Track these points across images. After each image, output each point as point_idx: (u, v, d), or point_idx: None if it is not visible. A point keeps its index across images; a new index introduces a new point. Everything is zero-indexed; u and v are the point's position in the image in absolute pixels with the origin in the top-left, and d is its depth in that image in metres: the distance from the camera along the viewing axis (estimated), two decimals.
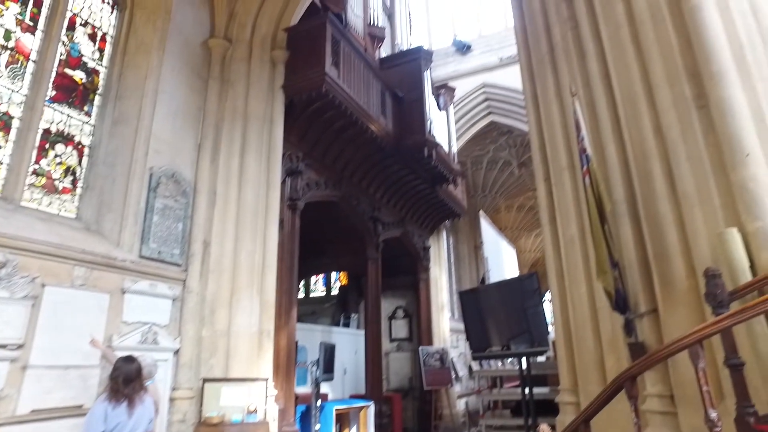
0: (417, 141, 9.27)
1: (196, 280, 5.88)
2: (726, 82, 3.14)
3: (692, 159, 3.24)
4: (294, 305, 7.04)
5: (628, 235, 3.71)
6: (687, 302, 3.12)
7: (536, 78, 5.19)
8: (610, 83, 4.13)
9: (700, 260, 3.06)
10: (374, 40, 11.09)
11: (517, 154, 17.90)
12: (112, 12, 6.22)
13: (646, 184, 3.60)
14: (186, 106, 6.42)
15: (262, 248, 6.34)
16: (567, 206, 4.47)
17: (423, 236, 12.54)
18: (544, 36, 5.06)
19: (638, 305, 3.53)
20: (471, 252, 18.85)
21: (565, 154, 4.61)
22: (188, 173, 6.22)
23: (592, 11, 4.41)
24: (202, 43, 6.95)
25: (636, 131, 3.75)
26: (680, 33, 3.52)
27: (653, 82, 3.66)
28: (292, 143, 7.53)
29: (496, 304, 6.40)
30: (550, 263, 4.75)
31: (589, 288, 4.09)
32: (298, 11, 7.71)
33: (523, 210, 24.40)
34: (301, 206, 7.56)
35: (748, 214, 2.83)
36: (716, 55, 3.23)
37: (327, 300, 14.43)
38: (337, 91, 7.18)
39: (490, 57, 14.16)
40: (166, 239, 5.64)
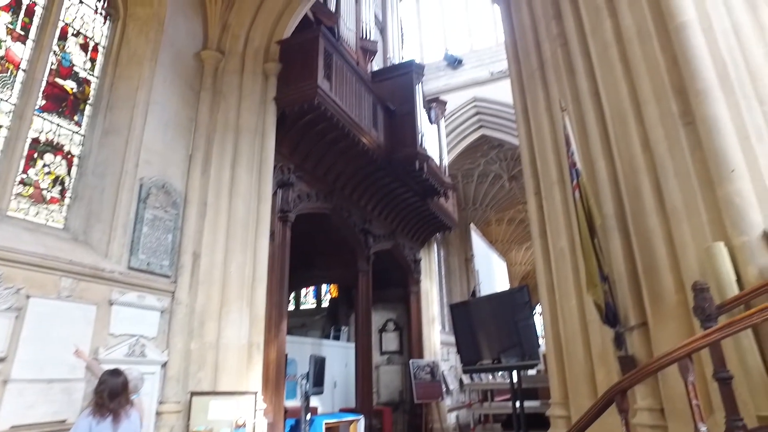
0: (408, 154, 9.32)
1: (186, 292, 5.82)
2: (711, 100, 3.20)
3: (680, 174, 3.30)
4: (284, 318, 6.99)
5: (617, 248, 3.75)
6: (676, 316, 3.15)
7: (527, 93, 5.25)
8: (599, 99, 4.20)
9: (689, 274, 3.10)
10: (366, 54, 11.19)
11: (508, 167, 18.06)
12: (104, 23, 6.22)
13: (635, 199, 3.65)
14: (177, 117, 6.41)
15: (252, 260, 6.30)
16: (557, 220, 4.50)
17: (414, 249, 12.54)
18: (534, 52, 5.13)
19: (628, 319, 3.55)
20: (462, 265, 18.88)
21: (555, 168, 4.65)
22: (179, 184, 6.19)
23: (581, 29, 4.49)
24: (194, 55, 6.97)
25: (625, 146, 3.81)
26: (666, 51, 3.60)
27: (641, 98, 3.72)
28: (283, 155, 7.53)
29: (487, 317, 6.40)
30: (540, 276, 4.77)
31: (579, 301, 4.11)
32: (290, 24, 7.76)
33: (514, 223, 24.53)
34: (292, 218, 7.54)
35: (734, 229, 2.88)
36: (701, 73, 3.30)
37: (317, 312, 14.34)
38: (329, 104, 7.22)
39: (481, 71, 14.33)
40: (156, 250, 5.59)
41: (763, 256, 2.74)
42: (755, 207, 2.87)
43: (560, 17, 4.81)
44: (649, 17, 3.75)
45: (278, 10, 7.66)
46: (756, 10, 3.64)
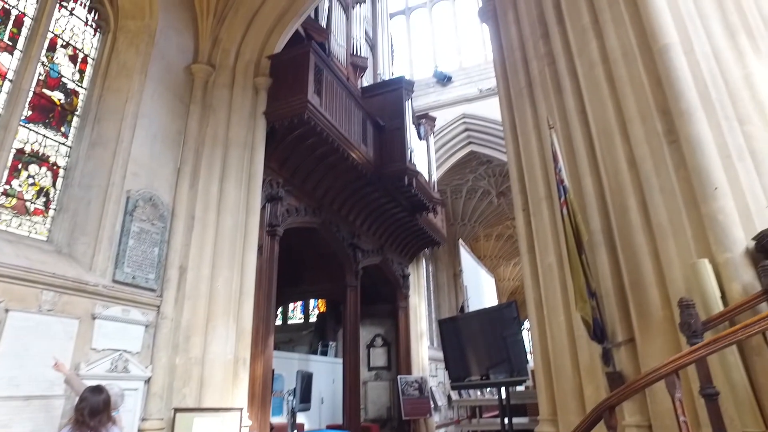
0: (397, 169, 9.36)
1: (171, 306, 5.73)
2: (694, 120, 3.28)
3: (665, 191, 3.35)
4: (271, 333, 6.91)
5: (605, 264, 3.78)
6: (663, 332, 3.17)
7: (515, 110, 5.32)
8: (586, 117, 4.27)
9: (675, 290, 3.13)
10: (356, 70, 11.29)
11: (496, 183, 18.21)
12: (94, 34, 6.21)
13: (622, 215, 3.69)
14: (166, 130, 6.38)
15: (239, 275, 6.24)
16: (545, 235, 4.53)
17: (402, 264, 12.53)
18: (522, 70, 5.22)
19: (615, 334, 3.57)
20: (450, 280, 18.88)
21: (543, 184, 4.70)
22: (166, 197, 6.13)
23: (568, 48, 4.59)
24: (185, 68, 6.97)
25: (611, 164, 3.86)
26: (650, 72, 3.68)
27: (627, 117, 3.80)
28: (272, 169, 7.52)
29: (475, 333, 6.39)
30: (528, 292, 4.78)
31: (567, 317, 4.12)
32: (282, 39, 7.82)
33: (502, 239, 24.65)
34: (280, 232, 7.50)
35: (718, 246, 2.92)
36: (684, 93, 3.38)
37: (305, 327, 14.18)
38: (318, 119, 7.25)
39: (470, 88, 14.53)
40: (142, 264, 5.51)
41: (746, 272, 2.78)
42: (738, 224, 2.93)
43: (548, 37, 4.91)
44: (634, 39, 3.85)
45: (269, 25, 7.72)
46: (734, 36, 3.75)
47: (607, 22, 4.12)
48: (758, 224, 2.90)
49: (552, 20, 4.84)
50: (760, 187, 3.10)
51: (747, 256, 2.81)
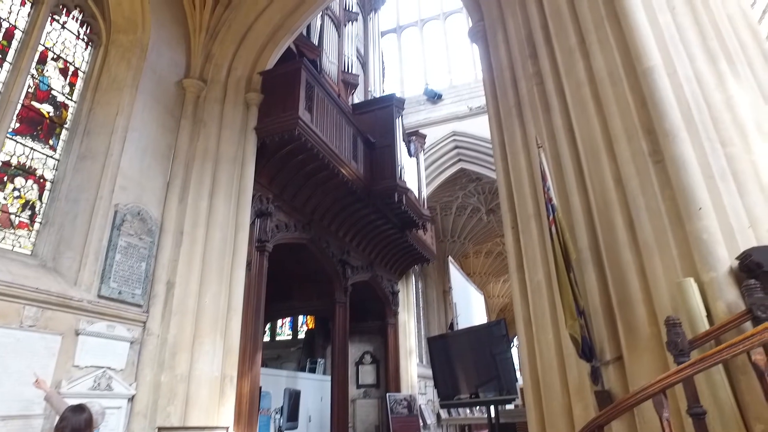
0: (388, 186, 9.39)
1: (158, 322, 5.65)
2: (679, 140, 3.35)
3: (651, 210, 3.40)
4: (259, 350, 6.82)
5: (592, 282, 3.81)
6: (650, 350, 3.19)
7: (504, 128, 5.39)
8: (574, 136, 4.33)
9: (661, 308, 3.16)
10: (348, 87, 11.39)
11: (486, 200, 18.34)
12: (86, 48, 6.21)
13: (609, 233, 3.73)
14: (156, 144, 6.36)
15: (227, 290, 6.18)
16: (534, 253, 4.56)
17: (392, 280, 12.50)
18: (511, 89, 5.30)
19: (604, 353, 3.58)
20: (440, 297, 18.85)
21: (531, 202, 4.74)
22: (155, 212, 6.09)
23: (556, 69, 4.67)
24: (176, 83, 6.98)
25: (598, 182, 3.92)
26: (635, 93, 3.77)
27: (613, 136, 3.86)
28: (262, 185, 7.51)
29: (464, 351, 6.36)
30: (517, 309, 4.79)
31: (556, 335, 4.13)
32: (274, 56, 7.88)
33: (492, 256, 24.73)
34: (269, 248, 7.46)
35: (703, 265, 2.96)
36: (668, 114, 3.46)
37: (293, 344, 14.03)
38: (309, 135, 7.27)
39: (460, 106, 14.70)
40: (128, 279, 5.43)
41: (731, 291, 2.82)
42: (722, 244, 2.97)
43: (536, 57, 5.00)
44: (619, 60, 3.94)
45: (262, 41, 7.79)
46: (715, 61, 3.84)
47: (593, 43, 4.21)
48: (741, 244, 2.94)
49: (540, 41, 4.93)
50: (742, 208, 3.15)
51: (731, 275, 2.85)
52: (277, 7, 7.82)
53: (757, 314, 2.52)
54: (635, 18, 3.90)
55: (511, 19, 5.55)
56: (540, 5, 5.07)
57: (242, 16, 7.69)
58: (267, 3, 7.79)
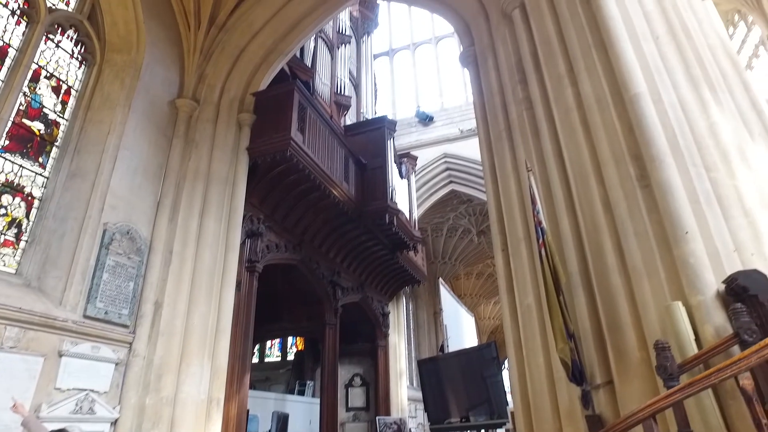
0: (379, 207, 9.42)
1: (144, 343, 5.54)
2: (665, 165, 3.42)
3: (639, 234, 3.44)
4: (247, 371, 6.71)
5: (582, 306, 3.82)
6: (640, 374, 3.19)
7: (495, 152, 5.46)
8: (563, 161, 4.40)
9: (651, 332, 3.17)
10: (340, 108, 11.50)
11: (476, 222, 18.42)
12: (80, 67, 6.23)
13: (598, 257, 3.77)
14: (147, 164, 6.35)
15: (216, 311, 6.10)
16: (524, 276, 4.58)
17: (382, 302, 12.43)
18: (501, 114, 5.39)
19: (594, 377, 3.57)
20: (430, 318, 18.74)
21: (521, 225, 4.78)
22: (145, 231, 6.04)
23: (545, 94, 4.77)
24: (169, 102, 7.01)
25: (587, 206, 3.97)
26: (622, 119, 3.85)
27: (601, 161, 3.93)
28: (253, 205, 7.50)
29: (455, 374, 6.31)
30: (508, 332, 4.78)
31: (546, 358, 4.12)
32: (267, 77, 7.96)
33: (482, 277, 24.73)
34: (259, 268, 7.41)
35: (691, 288, 2.99)
36: (654, 140, 3.53)
37: (282, 365, 13.82)
38: (301, 156, 7.30)
39: (451, 129, 14.88)
40: (115, 299, 5.35)
41: (718, 315, 2.85)
42: (708, 267, 3.01)
43: (526, 83, 5.11)
44: (606, 87, 4.04)
45: (255, 63, 7.87)
46: (698, 88, 3.95)
47: (581, 70, 4.32)
48: (727, 268, 2.98)
49: (530, 67, 5.05)
50: (727, 232, 3.21)
51: (718, 299, 2.88)
52: (270, 30, 7.93)
53: (744, 338, 2.54)
54: (621, 47, 4.01)
55: (501, 45, 5.68)
56: (530, 33, 5.20)
57: (236, 38, 7.78)
58: (261, 26, 7.89)
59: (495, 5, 5.89)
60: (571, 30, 4.53)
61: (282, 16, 7.95)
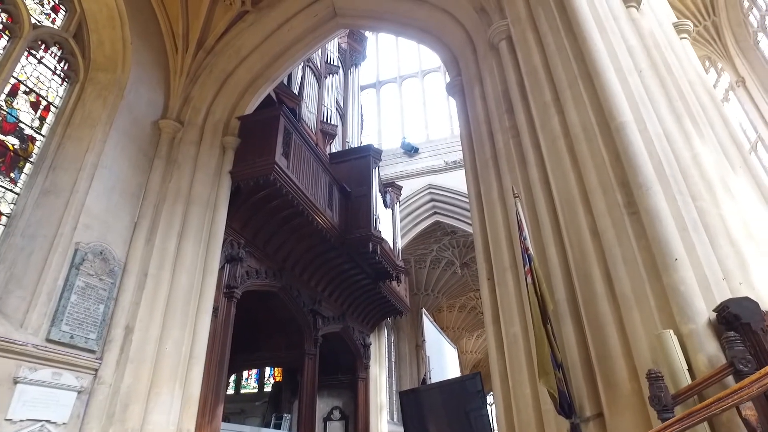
0: (362, 235, 9.30)
1: (111, 370, 5.23)
2: (652, 193, 3.40)
3: (627, 261, 3.39)
4: (221, 402, 6.38)
5: (570, 335, 3.72)
6: (632, 405, 3.08)
7: (481, 181, 5.44)
8: (550, 188, 4.38)
9: (642, 361, 3.08)
10: (326, 137, 11.50)
11: (460, 254, 18.36)
12: (61, 84, 6.11)
13: (587, 285, 3.70)
14: (126, 183, 6.18)
15: (191, 337, 5.84)
16: (510, 305, 4.48)
17: (364, 333, 12.15)
18: (488, 142, 5.40)
19: (583, 409, 3.44)
20: (412, 351, 18.41)
21: (508, 253, 4.71)
22: (119, 252, 5.81)
23: (532, 123, 4.80)
24: (152, 123, 6.90)
25: (575, 234, 3.92)
26: (609, 147, 3.86)
27: (589, 189, 3.91)
28: (234, 229, 7.33)
29: (437, 407, 6.09)
30: (493, 363, 4.64)
31: (533, 389, 3.98)
32: (253, 102, 7.93)
33: (465, 310, 24.53)
34: (238, 295, 7.18)
35: (682, 316, 2.92)
36: (641, 168, 3.53)
37: (258, 398, 13.28)
38: (285, 181, 7.20)
39: (437, 160, 14.98)
40: (83, 322, 5.07)
41: (710, 344, 2.77)
42: (699, 295, 2.95)
43: (512, 111, 5.14)
44: (593, 116, 4.07)
45: (242, 87, 7.85)
46: (680, 120, 4.02)
47: (567, 99, 4.36)
48: (717, 296, 2.93)
49: (516, 96, 5.09)
50: (716, 260, 3.18)
51: (710, 328, 2.82)
52: (258, 56, 7.95)
53: (739, 368, 2.47)
54: (606, 77, 4.07)
55: (488, 75, 5.75)
56: (516, 64, 5.28)
57: (224, 62, 7.77)
58: (249, 51, 7.91)
59: (482, 37, 6.00)
60: (557, 61, 4.59)
61: (271, 43, 7.99)
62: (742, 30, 10.61)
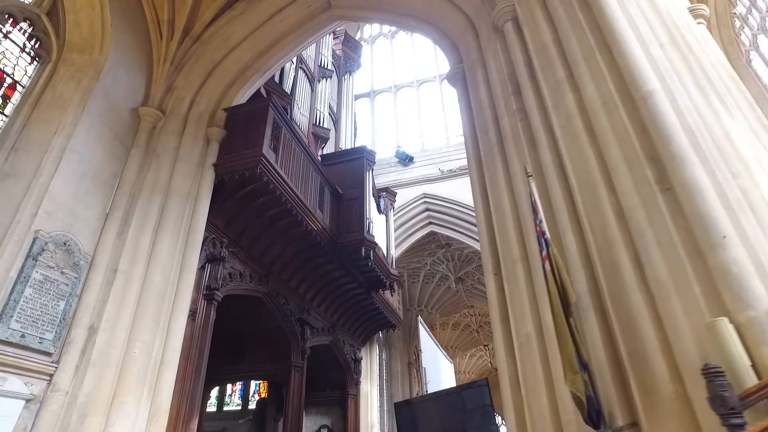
0: (355, 239, 8.79)
1: (69, 376, 4.63)
2: (688, 164, 2.98)
3: (663, 244, 2.94)
4: (195, 415, 5.76)
5: (594, 332, 3.23)
6: (675, 412, 2.58)
7: (485, 169, 5.01)
8: (564, 171, 3.96)
9: (686, 359, 2.60)
10: (318, 140, 11.06)
11: (455, 268, 17.86)
12: (31, 62, 5.64)
13: (612, 274, 3.23)
14: (99, 171, 5.66)
15: (163, 340, 5.25)
16: (521, 301, 3.99)
17: (355, 346, 11.55)
18: (493, 128, 4.99)
19: (614, 417, 2.93)
20: (404, 368, 17.71)
21: (517, 244, 4.25)
22: (87, 244, 5.26)
23: (542, 103, 4.40)
24: (131, 110, 6.42)
25: (596, 218, 3.47)
26: (634, 119, 3.45)
27: (611, 167, 3.48)
28: (217, 227, 6.80)
29: (434, 419, 5.52)
30: (502, 369, 4.11)
31: (551, 396, 3.46)
32: (241, 94, 7.49)
33: (459, 328, 23.94)
34: (219, 297, 6.61)
35: (737, 303, 2.46)
36: (673, 137, 3.12)
37: (242, 415, 12.54)
38: (273, 175, 6.71)
39: (432, 169, 14.58)
40: (38, 320, 4.49)
41: None
42: (756, 276, 2.49)
43: (519, 93, 4.75)
44: (613, 88, 3.67)
45: (230, 78, 7.42)
46: (707, 96, 3.61)
47: (583, 74, 3.96)
48: None
49: (524, 77, 4.70)
50: (766, 240, 2.72)
51: None
52: (248, 46, 7.54)
53: None
54: (628, 45, 3.68)
55: (491, 59, 5.37)
56: (523, 44, 4.91)
57: (211, 52, 7.35)
58: (239, 41, 7.51)
59: (485, 21, 5.64)
60: (570, 35, 4.22)
61: (261, 33, 7.59)
62: (734, 48, 10.41)
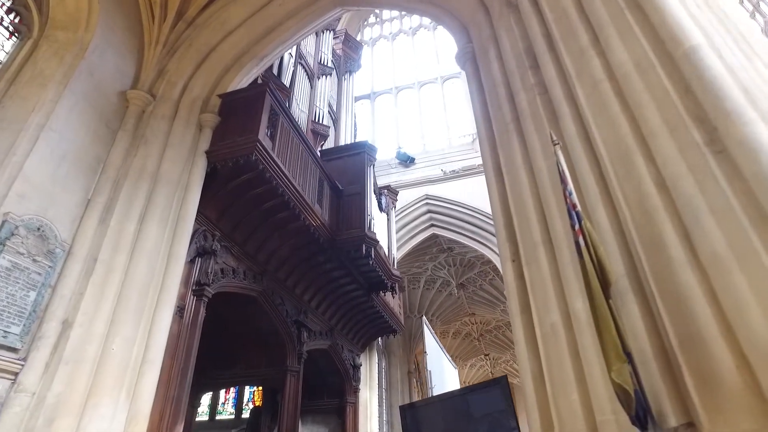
0: (355, 236, 8.37)
1: (38, 374, 4.16)
2: (746, 120, 2.58)
3: (717, 211, 2.52)
4: (181, 420, 5.28)
5: (636, 318, 2.81)
6: (746, 407, 2.14)
7: (499, 148, 4.63)
8: (590, 143, 3.57)
9: (753, 342, 2.18)
10: (317, 137, 10.72)
11: (457, 273, 17.44)
12: (9, 37, 5.25)
13: (654, 251, 2.81)
14: (81, 153, 5.25)
15: (145, 336, 4.79)
16: (545, 287, 3.56)
17: (354, 352, 11.07)
18: (507, 104, 4.61)
19: (665, 416, 2.49)
20: (404, 377, 17.25)
21: (539, 227, 3.83)
22: (64, 231, 4.83)
23: (563, 74, 4.03)
24: (119, 93, 6.02)
25: (632, 190, 3.06)
26: (674, 78, 3.05)
27: (648, 132, 3.08)
28: (209, 219, 6.38)
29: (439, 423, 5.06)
30: (523, 365, 3.67)
31: (583, 394, 3.02)
32: (237, 81, 7.11)
33: (459, 336, 23.50)
34: (210, 294, 6.16)
35: None
36: (726, 92, 2.73)
37: (235, 424, 12.03)
38: (269, 164, 6.30)
39: (434, 170, 14.23)
40: (2, 311, 4.04)
41: None
42: None
43: (537, 67, 4.39)
44: (648, 47, 3.28)
45: (226, 63, 7.05)
46: (751, 59, 3.23)
47: (611, 36, 3.58)
48: None
49: (542, 49, 4.33)
50: None
51: None
52: (245, 31, 7.19)
53: None
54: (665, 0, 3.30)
55: (504, 34, 5.00)
56: (539, 14, 4.54)
57: (206, 36, 6.99)
58: (236, 25, 7.15)
59: None
60: None
61: (259, 17, 7.24)
62: None
